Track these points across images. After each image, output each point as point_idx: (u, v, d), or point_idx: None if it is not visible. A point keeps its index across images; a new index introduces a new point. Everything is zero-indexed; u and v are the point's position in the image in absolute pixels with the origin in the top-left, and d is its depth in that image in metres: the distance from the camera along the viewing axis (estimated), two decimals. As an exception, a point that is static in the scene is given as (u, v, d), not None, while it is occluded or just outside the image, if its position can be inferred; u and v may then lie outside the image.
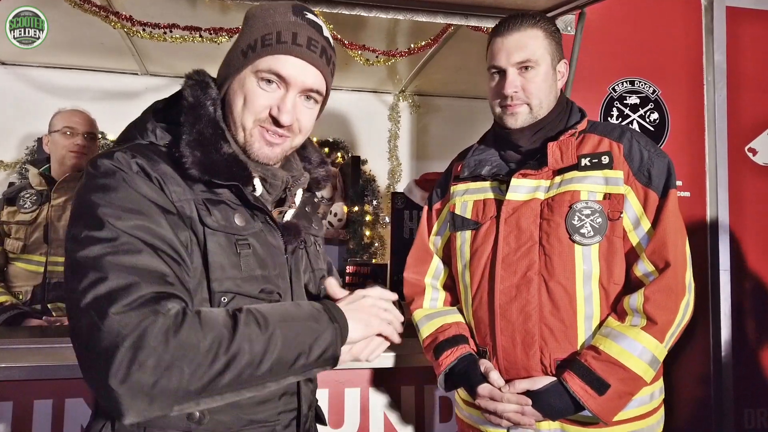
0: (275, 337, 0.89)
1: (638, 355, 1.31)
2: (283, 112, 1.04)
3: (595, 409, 1.30)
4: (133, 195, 0.92)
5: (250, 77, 1.04)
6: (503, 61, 1.46)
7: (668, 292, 1.32)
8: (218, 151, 1.01)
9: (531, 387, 1.36)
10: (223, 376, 0.84)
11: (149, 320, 0.81)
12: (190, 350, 0.82)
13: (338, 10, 2.17)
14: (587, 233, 1.38)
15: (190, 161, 0.98)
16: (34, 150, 4.19)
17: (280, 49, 1.02)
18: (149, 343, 0.80)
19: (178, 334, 0.82)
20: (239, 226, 1.02)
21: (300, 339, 0.91)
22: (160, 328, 0.81)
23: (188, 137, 1.00)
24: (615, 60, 2.29)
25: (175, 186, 0.97)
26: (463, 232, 1.54)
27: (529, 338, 1.39)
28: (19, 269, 2.51)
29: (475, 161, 1.57)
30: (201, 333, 0.83)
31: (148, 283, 0.85)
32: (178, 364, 0.81)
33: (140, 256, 0.87)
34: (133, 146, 1.00)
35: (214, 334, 0.84)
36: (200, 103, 1.04)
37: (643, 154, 1.41)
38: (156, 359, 0.80)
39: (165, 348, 0.80)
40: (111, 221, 0.88)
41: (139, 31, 3.05)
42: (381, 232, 4.81)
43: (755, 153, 2.35)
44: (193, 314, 0.86)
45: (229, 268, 0.99)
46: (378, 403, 1.91)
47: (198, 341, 0.82)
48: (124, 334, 0.79)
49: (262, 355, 0.87)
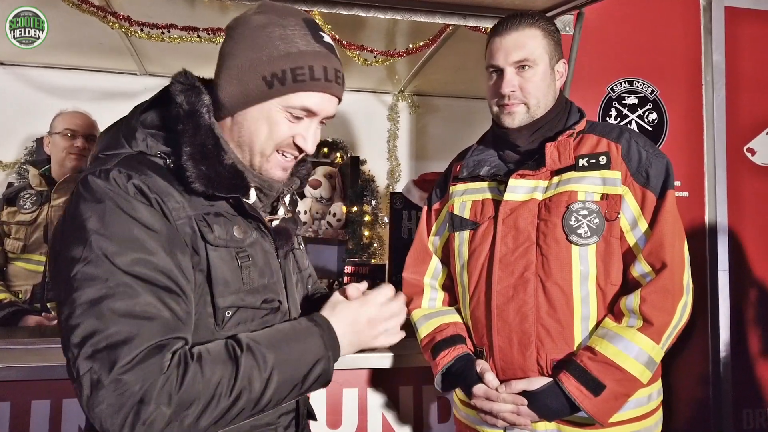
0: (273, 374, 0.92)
1: (634, 356, 1.30)
2: (309, 142, 1.05)
3: (590, 409, 1.29)
4: (131, 224, 0.89)
5: (278, 110, 1.01)
6: (501, 60, 1.46)
7: (665, 293, 1.32)
8: (221, 163, 0.99)
9: (527, 387, 1.36)
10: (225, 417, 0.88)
11: (151, 380, 0.82)
12: (193, 404, 0.84)
13: (336, 10, 2.17)
14: (584, 234, 1.37)
15: (195, 175, 0.95)
16: (32, 150, 4.19)
17: (316, 86, 1.01)
18: (153, 402, 0.81)
19: (180, 389, 0.84)
20: (239, 238, 1.01)
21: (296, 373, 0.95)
22: (162, 386, 0.82)
23: (191, 149, 0.96)
24: (613, 60, 2.29)
25: (173, 203, 0.94)
26: (461, 232, 1.54)
27: (525, 339, 1.38)
28: (18, 269, 2.52)
29: (474, 161, 1.57)
30: (202, 383, 0.86)
31: (147, 334, 0.84)
32: (182, 416, 0.84)
33: (139, 300, 0.86)
34: (125, 161, 0.95)
35: (216, 380, 0.87)
36: (197, 111, 1.00)
37: (642, 154, 1.41)
38: (162, 418, 0.82)
39: (168, 406, 0.82)
40: (109, 257, 0.86)
41: (137, 31, 3.04)
42: (380, 232, 4.80)
43: (754, 153, 2.35)
44: (195, 362, 0.87)
45: (232, 282, 0.99)
46: (376, 403, 1.91)
47: (199, 393, 0.85)
48: (126, 396, 0.81)
49: (261, 393, 0.91)
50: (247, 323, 1.01)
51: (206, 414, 0.86)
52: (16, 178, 4.14)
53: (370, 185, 4.83)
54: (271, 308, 1.04)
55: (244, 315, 1.00)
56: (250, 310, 1.01)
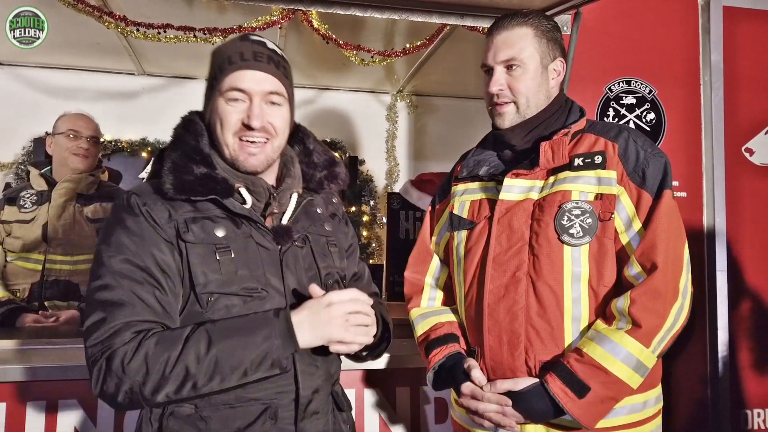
0: (214, 357, 1.07)
1: (621, 359, 1.27)
2: (252, 117, 1.19)
3: (574, 412, 1.26)
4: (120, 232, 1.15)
5: (219, 100, 1.22)
6: (490, 59, 1.47)
7: (655, 295, 1.28)
8: (191, 172, 1.18)
9: (512, 387, 1.34)
10: (178, 392, 1.07)
11: (108, 353, 1.06)
12: (142, 375, 1.05)
13: (333, 10, 2.17)
14: (576, 234, 1.36)
15: (166, 185, 1.17)
16: (30, 150, 4.19)
17: (233, 67, 1.20)
18: (113, 369, 1.06)
19: (131, 361, 1.05)
20: (219, 236, 1.18)
21: (241, 357, 1.09)
22: (120, 358, 1.06)
23: (166, 166, 1.19)
24: (611, 60, 2.28)
25: (162, 213, 1.16)
26: (459, 231, 1.54)
27: (514, 339, 1.37)
28: (17, 267, 2.54)
29: (474, 161, 1.57)
30: (151, 358, 1.06)
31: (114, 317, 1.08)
32: (136, 384, 1.06)
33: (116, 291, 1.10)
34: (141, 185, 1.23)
35: (162, 358, 1.06)
36: (179, 138, 1.24)
37: (639, 154, 1.39)
38: (120, 383, 1.06)
39: (123, 373, 1.05)
40: (104, 260, 1.13)
41: (133, 31, 3.04)
42: (378, 232, 4.80)
43: (752, 153, 2.35)
44: (150, 340, 1.07)
45: (210, 273, 1.16)
46: (373, 404, 1.91)
47: (147, 367, 1.06)
48: (91, 362, 1.08)
49: (199, 373, 1.07)
50: (231, 308, 1.16)
51: (155, 385, 1.05)
52: (13, 179, 4.13)
53: (368, 185, 4.83)
54: (252, 295, 1.18)
55: (226, 301, 1.16)
56: (231, 296, 1.16)
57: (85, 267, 2.56)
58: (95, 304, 1.11)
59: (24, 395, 1.69)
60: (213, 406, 1.14)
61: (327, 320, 1.14)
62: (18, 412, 1.69)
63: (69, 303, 2.52)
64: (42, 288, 2.50)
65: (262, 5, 2.39)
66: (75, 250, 2.55)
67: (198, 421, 1.14)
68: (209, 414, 1.14)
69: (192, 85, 4.54)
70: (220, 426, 1.14)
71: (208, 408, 1.14)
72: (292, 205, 1.28)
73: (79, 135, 2.60)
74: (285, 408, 1.19)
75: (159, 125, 4.37)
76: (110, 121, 4.16)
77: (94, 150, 2.66)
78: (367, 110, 4.91)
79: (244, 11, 3.12)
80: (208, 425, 1.14)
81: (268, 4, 2.34)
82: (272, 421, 1.17)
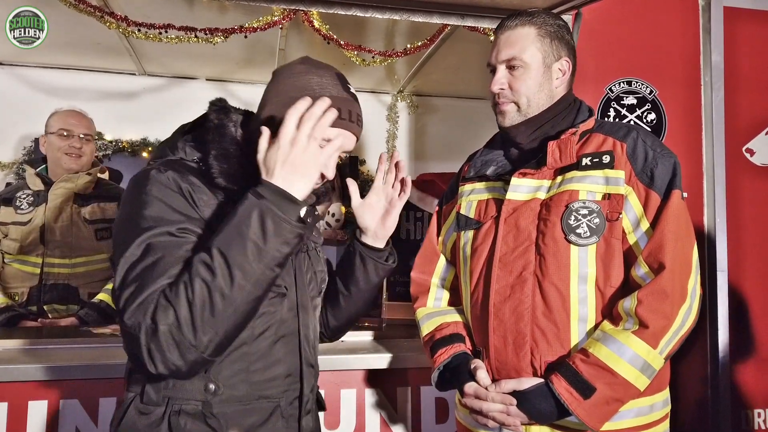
0: (218, 255, 1.01)
1: (628, 360, 1.26)
2: (329, 169, 1.17)
3: (580, 413, 1.25)
4: (161, 207, 1.08)
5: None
6: (493, 58, 1.47)
7: (662, 296, 1.27)
8: (240, 164, 1.19)
9: (517, 387, 1.33)
10: (219, 319, 1.00)
11: (142, 312, 1.00)
12: (168, 316, 0.99)
13: (334, 10, 2.17)
14: (583, 233, 1.35)
15: (217, 171, 1.16)
16: (31, 150, 4.18)
17: (340, 124, 1.18)
18: (145, 329, 0.99)
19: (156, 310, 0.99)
20: None
21: (238, 237, 1.01)
22: (150, 314, 0.99)
23: (215, 152, 1.18)
24: (612, 60, 2.28)
25: (202, 194, 1.14)
26: (466, 231, 1.54)
27: (520, 339, 1.37)
28: (15, 270, 2.51)
29: (481, 161, 1.58)
30: (171, 297, 1.00)
31: (158, 284, 1.01)
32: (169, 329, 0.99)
33: (159, 261, 1.03)
34: (166, 162, 1.17)
35: (178, 290, 1.00)
36: (224, 125, 1.22)
37: (648, 153, 1.37)
38: (155, 340, 0.99)
39: (155, 329, 0.99)
40: (142, 232, 1.06)
41: (135, 32, 3.04)
42: (379, 232, 4.80)
43: (753, 153, 2.35)
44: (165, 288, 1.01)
45: None
46: (374, 404, 1.91)
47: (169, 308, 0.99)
48: (138, 323, 1.00)
49: (219, 277, 1.00)
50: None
51: (188, 320, 0.98)
52: (14, 178, 4.13)
53: (369, 185, 4.81)
54: (277, 293, 1.19)
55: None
56: None
57: (83, 270, 2.54)
58: (140, 274, 1.03)
59: (25, 395, 1.70)
60: (225, 403, 1.14)
61: (303, 164, 1.06)
62: (19, 411, 1.69)
63: (68, 307, 2.50)
64: (41, 292, 2.47)
65: (264, 5, 2.39)
66: (73, 253, 2.52)
67: (210, 419, 1.13)
68: (222, 411, 1.14)
69: (193, 85, 4.54)
70: (234, 423, 1.15)
71: (220, 405, 1.13)
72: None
73: (71, 134, 2.55)
74: (292, 407, 1.23)
75: (160, 125, 4.36)
76: (111, 121, 4.17)
77: (87, 148, 2.60)
78: (368, 110, 4.89)
79: (245, 11, 3.12)
80: (220, 423, 1.13)
81: (270, 5, 2.34)
82: (283, 420, 1.21)
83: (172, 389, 1.12)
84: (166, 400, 1.12)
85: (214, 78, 4.53)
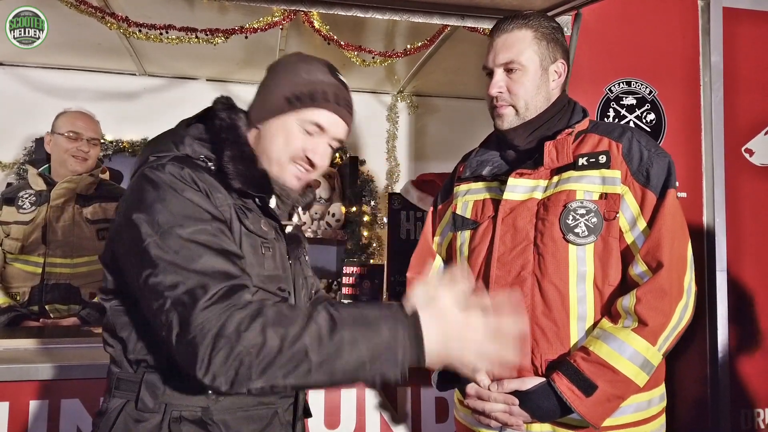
0: (337, 340, 0.93)
1: (628, 357, 1.28)
2: (317, 154, 1.20)
3: (582, 411, 1.27)
4: (186, 204, 1.05)
5: (293, 123, 1.19)
6: (490, 61, 1.48)
7: (660, 294, 1.30)
8: (255, 166, 1.18)
9: (519, 387, 1.35)
10: (275, 367, 0.93)
11: (227, 314, 0.94)
12: (254, 344, 0.92)
13: (335, 10, 2.17)
14: (581, 233, 1.36)
15: (234, 174, 1.14)
16: (32, 151, 4.18)
17: (328, 106, 1.19)
18: (222, 334, 0.92)
19: (249, 329, 0.93)
20: (265, 231, 1.18)
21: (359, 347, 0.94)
22: (234, 322, 0.93)
23: (231, 153, 1.16)
24: (611, 61, 2.29)
25: (218, 193, 1.11)
26: (463, 231, 1.54)
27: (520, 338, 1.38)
28: (16, 270, 2.51)
29: (477, 162, 1.58)
30: (269, 331, 0.93)
31: (216, 282, 0.97)
32: (245, 353, 0.92)
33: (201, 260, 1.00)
34: (177, 158, 1.13)
35: (279, 332, 0.93)
36: (236, 125, 1.21)
37: (643, 153, 1.39)
38: (227, 349, 0.92)
39: (236, 340, 0.92)
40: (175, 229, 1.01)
41: (135, 32, 3.04)
42: (379, 232, 4.80)
43: (752, 154, 2.35)
44: (269, 308, 0.96)
45: (256, 266, 1.14)
46: (374, 404, 1.91)
47: (260, 338, 0.92)
48: (206, 330, 0.93)
49: (315, 357, 0.93)
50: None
51: (267, 362, 0.92)
52: (15, 179, 4.13)
53: (368, 185, 4.82)
54: (283, 297, 1.19)
55: (262, 296, 1.11)
56: (267, 293, 1.14)
57: (85, 270, 2.54)
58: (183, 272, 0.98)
59: (27, 395, 1.70)
60: (226, 410, 1.12)
61: (462, 338, 0.97)
62: (21, 411, 1.69)
63: (69, 307, 2.50)
64: (42, 292, 2.48)
65: (264, 6, 2.40)
66: (75, 253, 2.52)
67: (210, 426, 1.10)
68: (222, 418, 1.11)
69: (193, 86, 4.54)
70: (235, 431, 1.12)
71: (221, 412, 1.11)
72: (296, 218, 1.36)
73: (80, 137, 2.55)
74: (287, 413, 1.23)
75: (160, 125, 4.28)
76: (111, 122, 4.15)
77: (93, 152, 2.61)
78: (368, 111, 4.91)
79: (245, 12, 3.12)
80: (221, 429, 1.11)
81: (270, 5, 2.35)
82: (281, 426, 1.21)
83: (171, 396, 1.09)
84: (163, 407, 1.09)
85: (215, 78, 4.53)
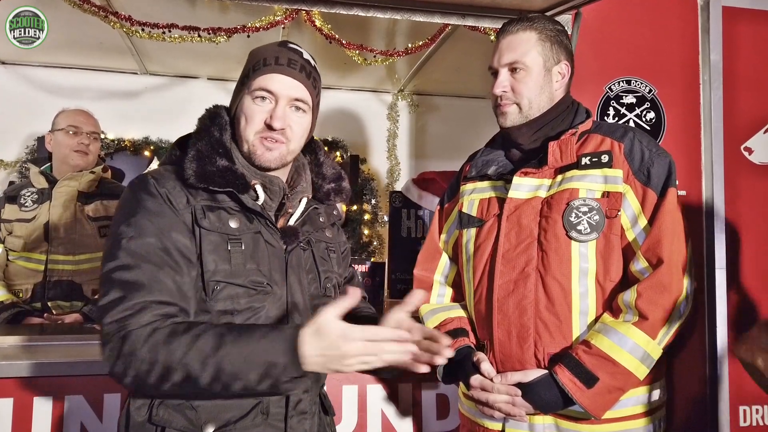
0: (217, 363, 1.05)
1: (629, 350, 1.32)
2: (275, 118, 1.23)
3: (583, 402, 1.31)
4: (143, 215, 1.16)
5: (247, 98, 1.26)
6: (495, 62, 1.52)
7: (660, 289, 1.33)
8: (213, 164, 1.22)
9: (522, 379, 1.39)
10: (169, 380, 1.06)
11: (123, 333, 1.07)
12: (144, 363, 1.06)
13: (336, 10, 2.18)
14: (584, 230, 1.40)
15: (189, 172, 1.20)
16: (34, 149, 4.20)
17: (267, 69, 1.25)
18: (122, 351, 1.06)
19: (141, 349, 1.06)
20: (233, 228, 1.21)
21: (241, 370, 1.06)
22: (130, 341, 1.06)
23: (189, 154, 1.22)
24: (611, 59, 2.30)
25: (180, 197, 1.19)
26: (468, 229, 1.58)
27: (524, 332, 1.41)
28: (19, 267, 2.53)
29: (482, 161, 1.62)
30: (160, 352, 1.05)
31: (133, 297, 1.09)
32: (138, 369, 1.06)
33: (134, 272, 1.11)
34: (157, 170, 1.26)
35: (168, 353, 1.05)
36: (205, 129, 1.27)
37: (644, 153, 1.43)
38: (124, 364, 1.07)
39: (130, 358, 1.06)
40: (123, 240, 1.14)
41: (138, 31, 3.06)
42: (379, 230, 4.82)
43: (751, 152, 2.36)
44: (163, 329, 1.07)
45: (220, 262, 1.18)
46: (376, 400, 1.93)
47: (150, 357, 1.06)
48: (105, 340, 1.09)
49: (201, 375, 1.05)
50: (235, 298, 1.18)
51: (159, 377, 1.05)
52: (17, 177, 4.15)
53: (369, 184, 4.84)
54: (257, 289, 1.21)
55: (232, 291, 1.18)
56: (237, 287, 1.19)
57: (87, 267, 2.56)
58: (113, 282, 1.11)
59: (31, 391, 1.71)
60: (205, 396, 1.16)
61: (340, 356, 1.04)
62: (25, 407, 1.70)
63: (72, 303, 2.52)
64: (45, 288, 2.49)
65: (266, 5, 2.40)
66: (77, 250, 2.54)
67: (188, 410, 1.15)
68: (201, 403, 1.16)
69: (195, 84, 4.55)
70: (211, 417, 1.16)
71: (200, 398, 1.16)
72: (301, 208, 1.33)
73: (80, 131, 2.57)
74: (275, 404, 1.21)
75: (162, 124, 4.39)
76: (113, 120, 4.17)
77: (94, 146, 2.63)
78: (369, 109, 4.92)
79: (247, 11, 3.13)
80: (199, 414, 1.15)
81: (272, 4, 2.36)
82: (263, 416, 1.20)
83: None
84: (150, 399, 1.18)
85: (216, 77, 4.54)
